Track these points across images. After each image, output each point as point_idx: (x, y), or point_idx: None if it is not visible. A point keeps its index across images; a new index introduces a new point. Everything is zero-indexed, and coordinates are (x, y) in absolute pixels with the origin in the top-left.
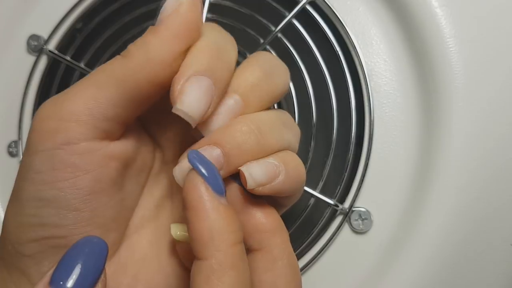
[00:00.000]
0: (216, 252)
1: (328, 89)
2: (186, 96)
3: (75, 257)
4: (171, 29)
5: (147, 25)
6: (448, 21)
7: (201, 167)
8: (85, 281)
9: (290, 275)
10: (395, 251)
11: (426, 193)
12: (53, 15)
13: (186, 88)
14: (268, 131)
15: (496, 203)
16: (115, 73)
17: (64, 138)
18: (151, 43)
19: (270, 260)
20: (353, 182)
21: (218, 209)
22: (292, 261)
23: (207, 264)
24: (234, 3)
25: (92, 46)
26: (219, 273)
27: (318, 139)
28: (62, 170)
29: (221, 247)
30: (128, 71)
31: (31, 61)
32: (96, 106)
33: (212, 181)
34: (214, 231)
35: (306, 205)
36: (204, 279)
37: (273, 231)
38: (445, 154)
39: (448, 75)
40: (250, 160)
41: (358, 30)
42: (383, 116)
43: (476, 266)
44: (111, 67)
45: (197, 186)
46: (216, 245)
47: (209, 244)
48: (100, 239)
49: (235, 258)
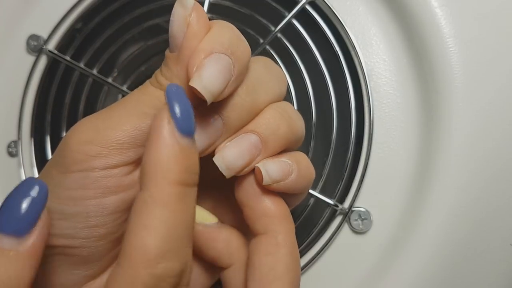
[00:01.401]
0: (153, 186)
1: (328, 89)
2: (205, 71)
3: (14, 200)
4: (189, 52)
5: (146, 25)
6: (448, 21)
7: (174, 102)
8: (25, 220)
9: (290, 263)
10: (394, 251)
11: (425, 193)
12: (53, 15)
13: (205, 63)
14: (295, 118)
15: (496, 203)
16: (154, 103)
17: (103, 163)
18: (178, 72)
19: (273, 245)
20: (352, 182)
21: (171, 146)
22: (294, 252)
23: (142, 195)
24: (233, 3)
25: (91, 46)
26: (150, 206)
27: (318, 139)
28: (93, 190)
29: (159, 182)
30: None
31: (30, 61)
32: (139, 135)
33: (181, 119)
34: (158, 165)
35: (305, 205)
36: (137, 209)
37: (279, 218)
38: (444, 154)
39: (448, 75)
40: (285, 145)
41: (357, 30)
42: (383, 116)
43: (476, 266)
44: (148, 98)
45: (161, 119)
46: (155, 178)
47: (149, 176)
48: (39, 181)
49: (171, 197)
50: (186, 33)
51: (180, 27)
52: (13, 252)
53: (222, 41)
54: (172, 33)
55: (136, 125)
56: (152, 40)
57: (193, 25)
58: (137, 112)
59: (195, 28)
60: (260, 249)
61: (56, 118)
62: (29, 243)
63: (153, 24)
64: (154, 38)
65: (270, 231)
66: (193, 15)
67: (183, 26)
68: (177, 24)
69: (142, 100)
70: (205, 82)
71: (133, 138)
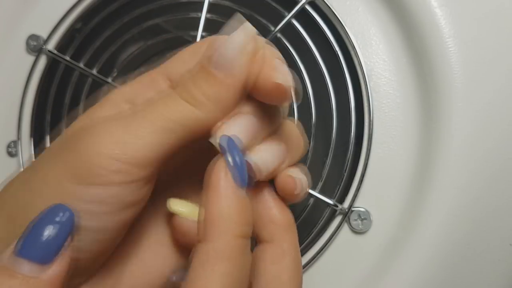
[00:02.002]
0: (217, 238)
1: (328, 89)
2: (279, 70)
3: (40, 226)
4: (241, 79)
5: (146, 25)
6: (448, 21)
7: (229, 154)
8: (50, 248)
9: (294, 271)
10: (394, 251)
11: (425, 193)
12: (53, 15)
13: (276, 63)
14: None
15: (496, 203)
16: (185, 121)
17: (123, 179)
18: (222, 94)
19: (279, 254)
20: (352, 182)
21: (232, 198)
22: (297, 259)
23: (205, 247)
24: (233, 3)
25: (91, 46)
26: (214, 260)
27: (318, 139)
28: (110, 205)
29: (223, 235)
30: (198, 122)
31: (30, 61)
32: (162, 152)
33: (236, 170)
34: (221, 218)
35: (305, 205)
36: (199, 262)
37: (285, 227)
38: (444, 154)
39: (448, 75)
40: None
41: (357, 30)
42: (383, 116)
43: (475, 266)
44: (180, 115)
45: (219, 170)
46: (219, 231)
47: (213, 229)
48: (67, 208)
49: (235, 250)
50: (251, 67)
51: (239, 53)
52: (34, 279)
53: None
54: (227, 56)
55: (160, 142)
56: (151, 40)
57: (259, 62)
58: (162, 127)
59: (259, 67)
60: (266, 257)
61: (56, 118)
62: (51, 271)
63: (153, 24)
64: (154, 38)
65: (276, 240)
66: (266, 53)
67: (241, 53)
68: (236, 49)
69: (168, 114)
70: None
71: (155, 155)
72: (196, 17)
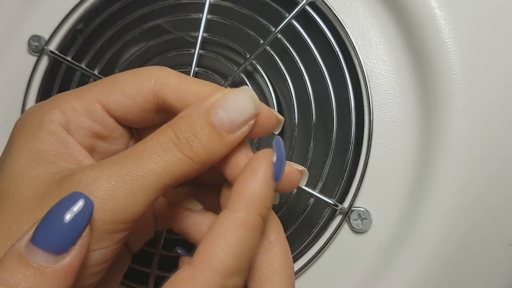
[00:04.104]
0: (244, 210)
1: (328, 89)
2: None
3: (58, 213)
4: (241, 138)
5: (147, 26)
6: (447, 22)
7: (279, 152)
8: (67, 236)
9: (284, 258)
10: (394, 251)
11: (425, 193)
12: (54, 16)
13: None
14: None
15: (495, 203)
16: (182, 175)
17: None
18: (220, 151)
19: (267, 244)
20: (352, 182)
21: (266, 184)
22: (286, 248)
23: (232, 215)
24: (234, 4)
25: (93, 46)
26: (236, 227)
27: (318, 139)
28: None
29: (250, 210)
30: (192, 173)
31: (32, 62)
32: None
33: (279, 166)
34: (252, 195)
35: (305, 205)
36: (223, 225)
37: (268, 220)
38: (444, 154)
39: (447, 76)
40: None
41: (357, 31)
42: (382, 116)
43: (475, 266)
44: (181, 172)
45: (266, 158)
46: (247, 205)
47: (242, 202)
48: (85, 196)
49: (255, 224)
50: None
51: (248, 120)
52: (49, 269)
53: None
54: (237, 121)
55: (153, 200)
56: (153, 41)
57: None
58: (158, 185)
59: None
60: (257, 251)
61: None
62: (66, 261)
63: (154, 25)
64: (155, 38)
65: (263, 233)
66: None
67: (249, 119)
68: (246, 117)
69: (166, 170)
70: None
71: (145, 208)
72: (197, 18)
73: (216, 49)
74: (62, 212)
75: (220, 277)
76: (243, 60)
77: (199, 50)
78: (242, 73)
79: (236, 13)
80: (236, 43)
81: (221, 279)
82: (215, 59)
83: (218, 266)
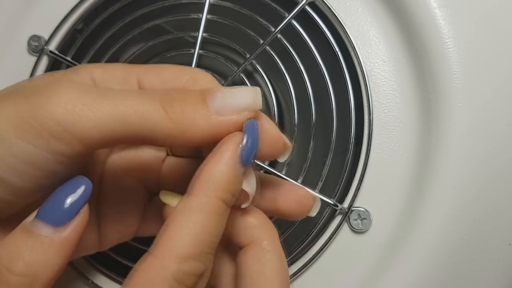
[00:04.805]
0: (202, 195)
1: (328, 89)
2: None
3: (59, 194)
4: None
5: (147, 26)
6: (447, 22)
7: (249, 135)
8: (65, 213)
9: (278, 265)
10: (394, 251)
11: (425, 193)
12: (54, 15)
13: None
14: None
15: (495, 203)
16: (149, 123)
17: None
18: (200, 122)
19: (259, 252)
20: (352, 182)
21: (229, 167)
22: (280, 256)
23: (189, 200)
24: (234, 4)
25: (92, 46)
26: (193, 210)
27: (318, 139)
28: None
29: (208, 193)
30: (160, 130)
31: (32, 62)
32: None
33: (248, 150)
34: (212, 178)
35: None
36: (180, 210)
37: (260, 226)
38: (444, 154)
39: (447, 76)
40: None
41: (357, 31)
42: (382, 116)
43: (475, 266)
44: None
45: (234, 141)
46: (205, 189)
47: (201, 186)
48: (87, 181)
49: (214, 209)
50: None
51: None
52: (48, 239)
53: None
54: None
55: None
56: (153, 41)
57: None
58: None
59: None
60: (247, 257)
61: None
62: (64, 233)
63: (154, 25)
64: (155, 38)
65: (255, 239)
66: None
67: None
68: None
69: (140, 109)
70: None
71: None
72: (197, 18)
73: (216, 49)
74: (65, 194)
75: (175, 262)
76: (243, 60)
77: (199, 50)
78: (242, 73)
79: (236, 13)
80: (236, 43)
81: (176, 264)
82: (215, 59)
83: (173, 251)
